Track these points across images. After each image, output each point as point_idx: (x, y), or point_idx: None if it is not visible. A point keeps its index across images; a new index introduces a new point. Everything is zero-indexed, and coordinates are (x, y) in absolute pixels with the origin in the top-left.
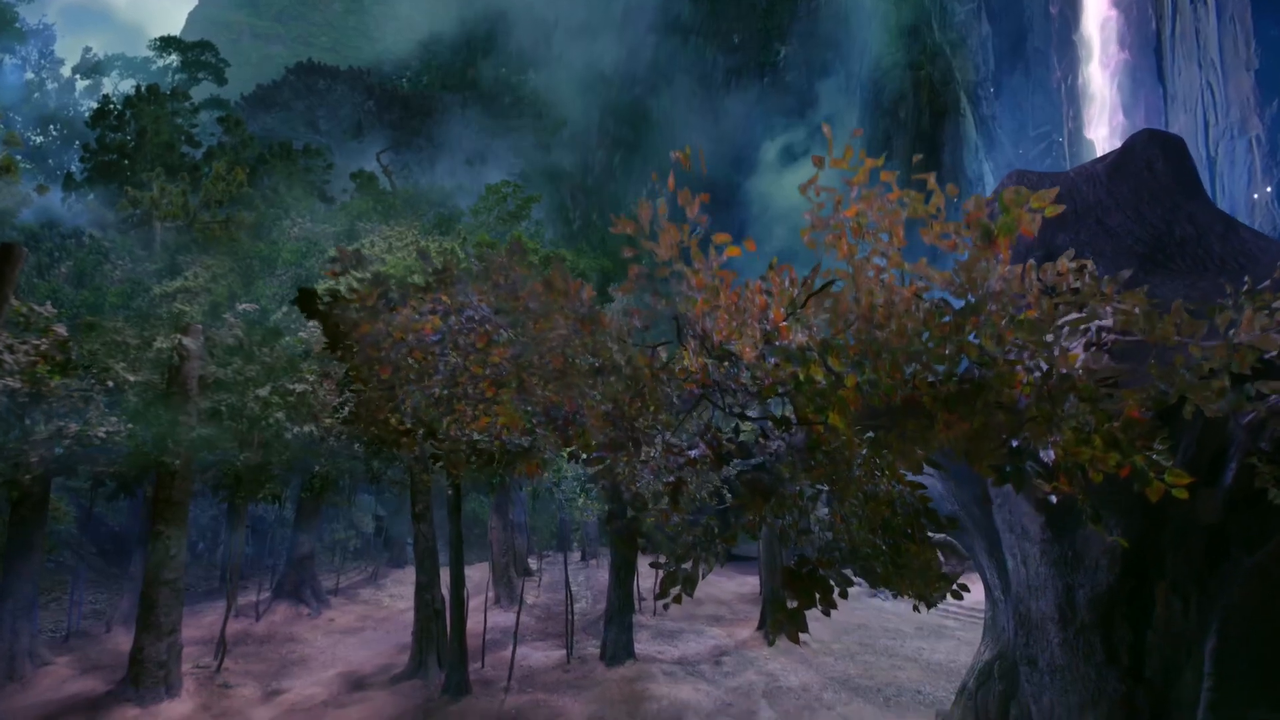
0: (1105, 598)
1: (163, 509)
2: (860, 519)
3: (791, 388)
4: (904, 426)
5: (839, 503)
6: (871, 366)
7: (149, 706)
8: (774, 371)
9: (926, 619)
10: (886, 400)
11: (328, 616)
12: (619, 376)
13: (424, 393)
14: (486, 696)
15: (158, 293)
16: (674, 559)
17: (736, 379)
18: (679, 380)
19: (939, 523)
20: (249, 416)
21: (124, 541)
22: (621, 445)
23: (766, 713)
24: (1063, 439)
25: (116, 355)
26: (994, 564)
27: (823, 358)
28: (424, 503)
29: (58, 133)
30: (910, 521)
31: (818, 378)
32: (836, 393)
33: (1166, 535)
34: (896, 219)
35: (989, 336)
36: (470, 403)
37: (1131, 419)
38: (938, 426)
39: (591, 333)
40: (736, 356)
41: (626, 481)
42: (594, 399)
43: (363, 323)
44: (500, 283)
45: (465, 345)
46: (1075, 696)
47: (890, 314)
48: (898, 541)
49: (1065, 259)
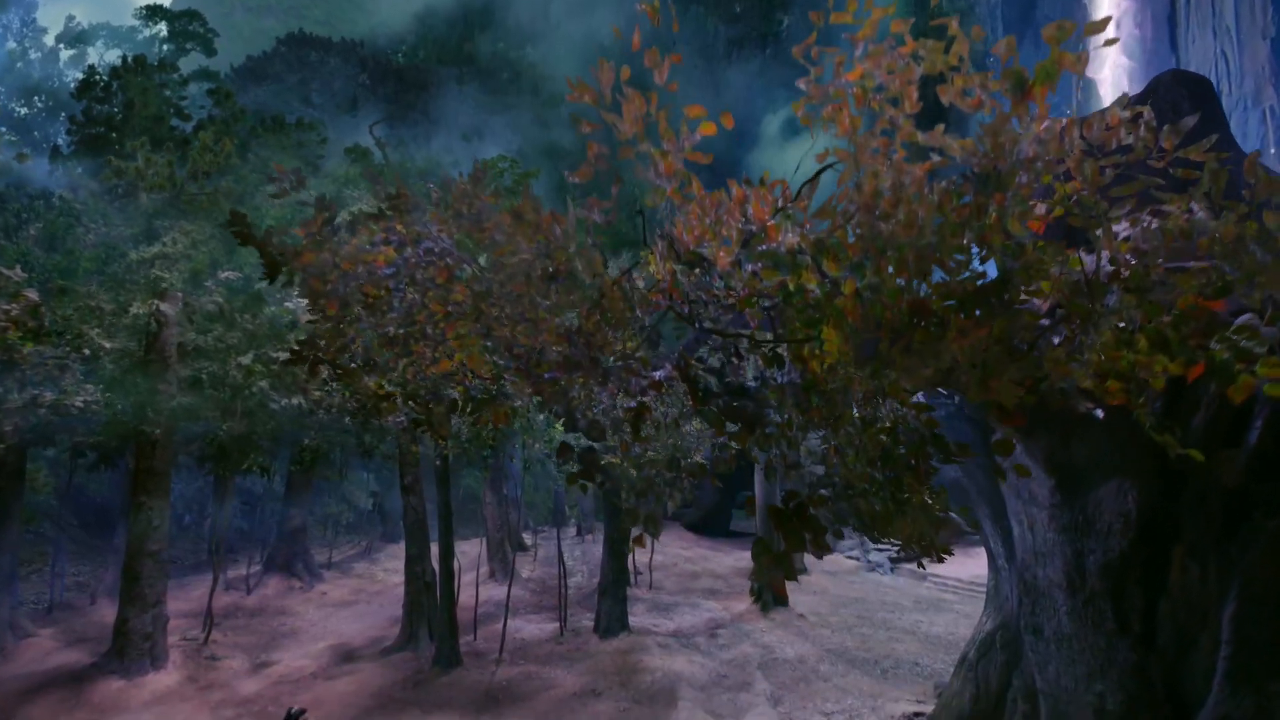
0: (1117, 564)
1: (144, 479)
2: (857, 450)
3: (779, 300)
4: (910, 337)
5: (832, 432)
6: (873, 268)
7: (134, 679)
8: (751, 281)
9: (925, 593)
10: (890, 308)
11: (320, 590)
12: (576, 284)
13: (377, 331)
14: (477, 668)
15: (134, 259)
16: (634, 494)
17: (709, 289)
18: (643, 292)
19: (947, 451)
20: (231, 385)
21: (107, 513)
22: (577, 365)
23: (762, 684)
24: (1100, 342)
25: (91, 321)
26: (998, 531)
27: (816, 261)
28: (413, 474)
29: (42, 104)
30: (915, 450)
31: (810, 286)
32: (832, 303)
33: (1184, 498)
34: (909, 77)
35: (1017, 218)
36: (430, 343)
37: (1188, 311)
38: (949, 335)
39: (547, 237)
40: (710, 263)
41: (582, 407)
42: (546, 309)
43: (305, 251)
44: (463, 212)
45: (423, 280)
46: (1083, 666)
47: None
48: (899, 474)
49: (1118, 107)
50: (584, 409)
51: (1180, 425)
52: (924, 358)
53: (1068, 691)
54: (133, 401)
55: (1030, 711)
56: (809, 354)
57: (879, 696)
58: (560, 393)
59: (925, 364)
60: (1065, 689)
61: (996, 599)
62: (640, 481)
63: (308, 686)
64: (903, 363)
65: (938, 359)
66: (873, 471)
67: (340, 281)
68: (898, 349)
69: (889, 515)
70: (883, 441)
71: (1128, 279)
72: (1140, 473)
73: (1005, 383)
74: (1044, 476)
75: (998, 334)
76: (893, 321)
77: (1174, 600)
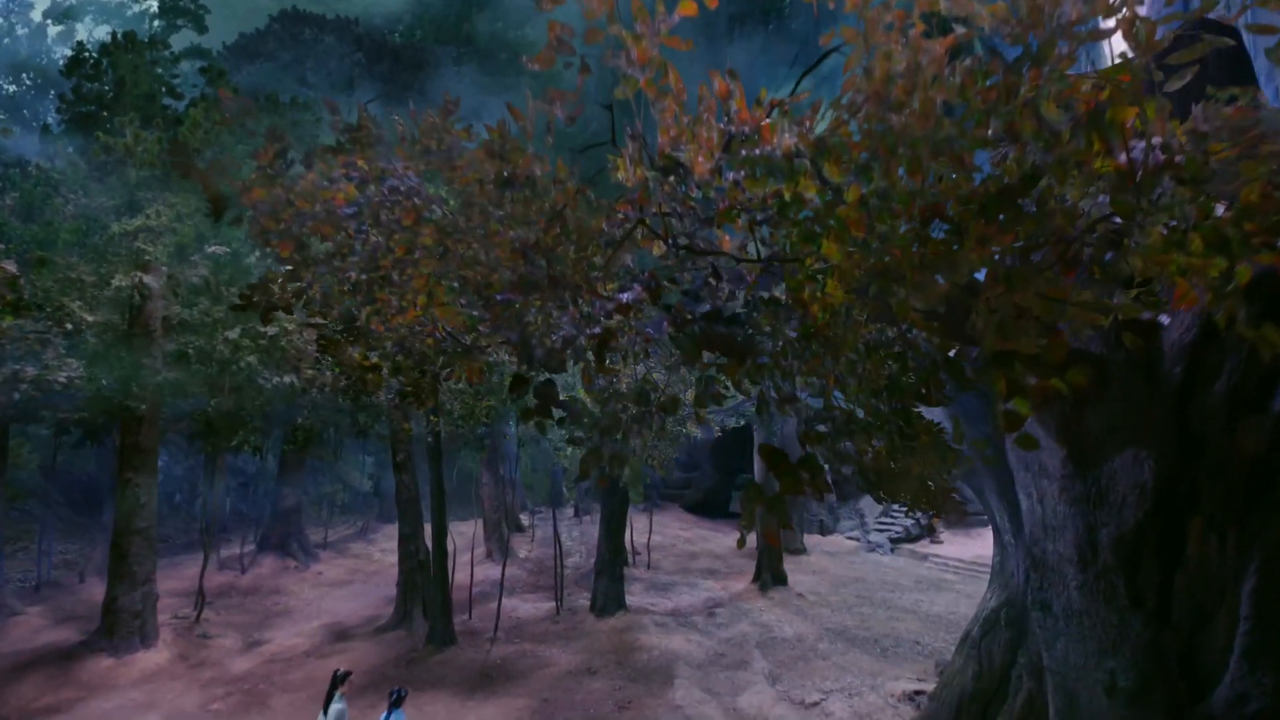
0: (1132, 536)
1: (130, 456)
2: (860, 379)
3: (774, 212)
4: (922, 247)
5: (833, 360)
6: (882, 170)
7: (124, 657)
8: (733, 191)
9: (925, 573)
10: (901, 215)
11: (315, 570)
12: (534, 191)
13: (337, 276)
14: (472, 647)
15: (116, 231)
16: (597, 432)
17: (685, 199)
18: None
19: (963, 377)
20: (218, 360)
21: (94, 491)
22: (534, 286)
23: (760, 663)
24: (1147, 244)
25: (72, 293)
26: (1005, 505)
27: (816, 165)
28: (405, 452)
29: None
30: (926, 377)
31: (809, 194)
32: (834, 213)
33: (1204, 467)
34: None
35: (1053, 99)
36: (396, 291)
37: (1252, 205)
38: (968, 243)
39: (502, 135)
40: (686, 168)
41: (540, 335)
42: (500, 220)
43: (255, 186)
44: (432, 148)
45: (388, 222)
46: (1094, 643)
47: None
48: (906, 406)
49: None
50: (541, 336)
51: (1201, 390)
52: (937, 270)
53: (1076, 669)
54: (117, 376)
55: (1036, 689)
56: (810, 297)
57: (879, 675)
58: (514, 317)
59: (938, 277)
60: (1074, 666)
61: (1002, 575)
62: (605, 418)
63: (300, 665)
64: (913, 278)
65: (953, 272)
66: (877, 403)
67: (295, 221)
68: (906, 262)
69: (895, 449)
70: (890, 368)
71: (1182, 168)
72: (1158, 441)
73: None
74: (1055, 447)
75: (1025, 239)
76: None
77: (1191, 574)
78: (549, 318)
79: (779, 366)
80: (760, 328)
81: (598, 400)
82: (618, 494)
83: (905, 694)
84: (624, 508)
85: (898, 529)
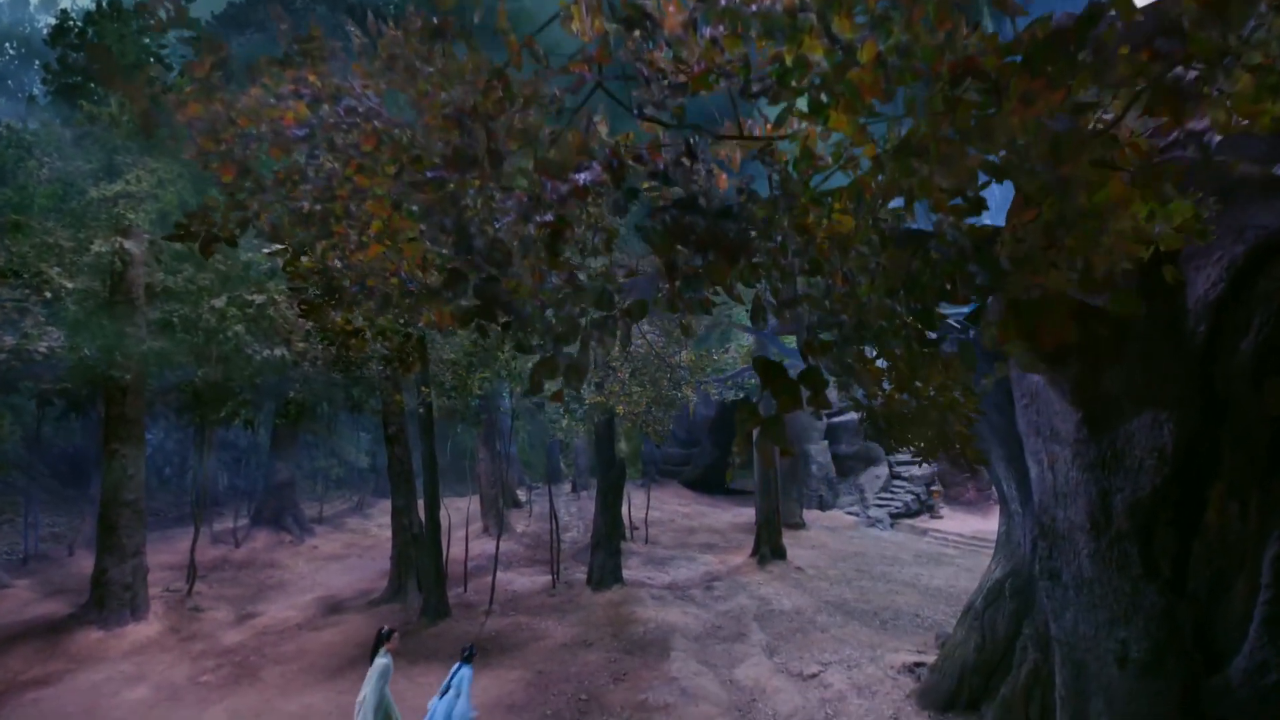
0: (1148, 502)
1: (116, 426)
2: (873, 275)
3: (773, 79)
4: (950, 113)
5: (841, 254)
6: (904, 20)
7: (113, 629)
8: (710, 52)
9: (925, 547)
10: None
11: (311, 544)
12: (472, 47)
13: (287, 206)
14: (466, 620)
15: (95, 196)
16: (551, 338)
17: (652, 59)
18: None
19: (997, 271)
20: (205, 329)
21: (80, 463)
22: (472, 162)
23: (758, 635)
24: (1235, 91)
25: (50, 259)
26: (1013, 474)
27: (824, 21)
28: (397, 424)
29: (14, 51)
30: (953, 270)
31: (815, 57)
32: (844, 78)
33: (1226, 430)
34: None
35: None
36: (355, 224)
37: None
38: (1007, 105)
39: None
40: (655, 21)
41: (480, 221)
42: (429, 80)
43: (190, 101)
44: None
45: (345, 146)
46: (1104, 612)
47: None
48: (928, 307)
49: None
50: (482, 223)
51: (1227, 349)
52: (969, 140)
53: (1086, 639)
54: (99, 345)
55: (1041, 660)
56: (814, 222)
57: (878, 647)
58: (449, 200)
59: (969, 147)
60: (1084, 636)
61: (1007, 545)
62: (560, 322)
63: (292, 637)
64: (939, 150)
65: (988, 140)
66: (893, 304)
67: (238, 142)
68: (929, 133)
69: (914, 364)
70: (909, 263)
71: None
72: (1180, 403)
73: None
74: (1070, 410)
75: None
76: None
77: (1209, 541)
78: (490, 201)
79: (777, 265)
80: (755, 221)
81: (551, 303)
82: (614, 467)
83: (905, 666)
84: (620, 481)
85: (897, 504)
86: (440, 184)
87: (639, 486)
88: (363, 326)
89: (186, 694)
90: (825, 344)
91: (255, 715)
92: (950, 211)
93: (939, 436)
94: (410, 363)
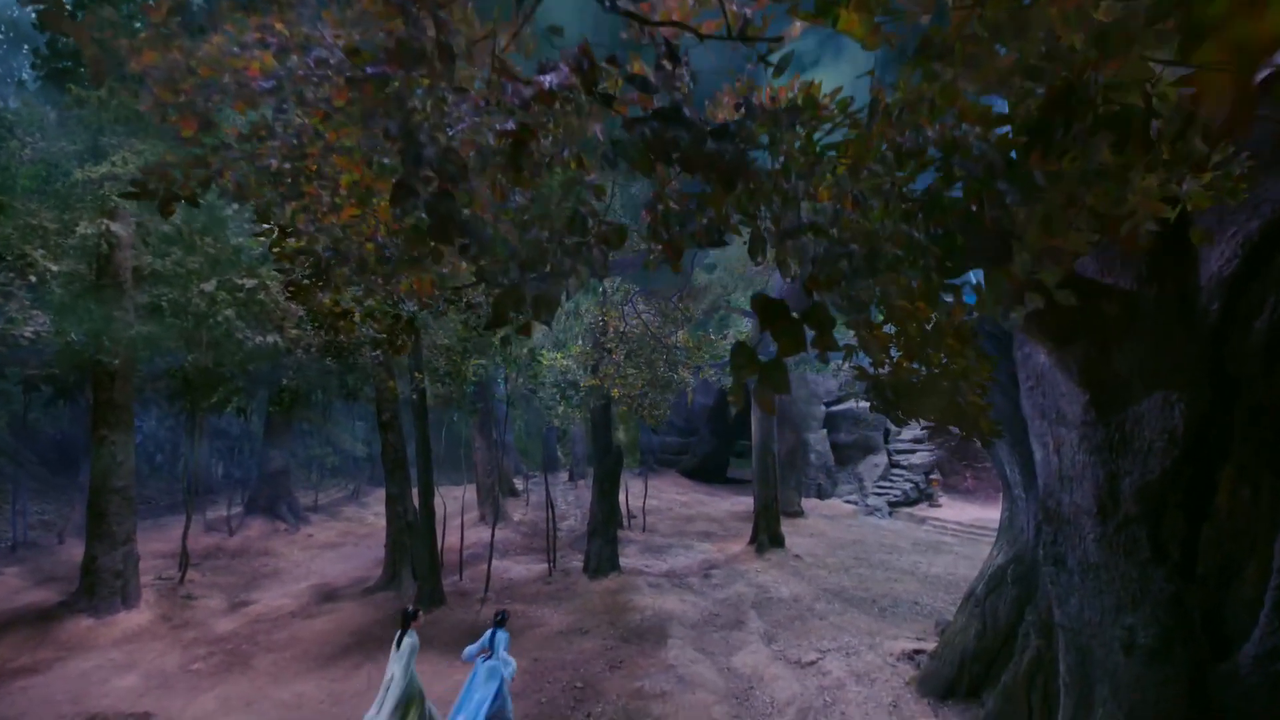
0: (1157, 485)
1: (104, 412)
2: (888, 197)
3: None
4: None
5: (851, 176)
6: None
7: (104, 617)
8: None
9: (923, 536)
10: None
11: (305, 532)
12: None
13: (254, 164)
14: (462, 607)
15: (80, 178)
16: (513, 264)
17: None
18: None
19: (1031, 186)
20: (194, 313)
21: (69, 450)
22: (419, 56)
23: (756, 623)
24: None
25: (34, 240)
26: (1016, 458)
27: None
28: (390, 411)
29: (3, 35)
30: (980, 188)
31: None
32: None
33: (1239, 412)
34: None
35: None
36: (327, 185)
37: None
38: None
39: None
40: None
41: (430, 127)
42: None
43: (146, 48)
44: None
45: (315, 101)
46: (1111, 598)
47: None
48: (950, 231)
49: None
50: (432, 129)
51: (1241, 328)
52: (1000, 38)
53: (1092, 625)
54: (86, 329)
55: (1044, 647)
56: (818, 183)
57: (877, 634)
58: (394, 101)
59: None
60: (1089, 623)
61: (1010, 531)
62: (525, 246)
63: (285, 625)
64: (965, 50)
65: (1022, 36)
66: (911, 230)
67: (199, 93)
68: (957, 29)
69: (932, 296)
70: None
71: None
72: (1191, 384)
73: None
74: (1077, 392)
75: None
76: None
77: (1219, 525)
78: (441, 104)
79: (779, 190)
80: (755, 141)
81: (516, 224)
82: (611, 453)
83: (904, 653)
84: (617, 468)
85: (896, 493)
86: (382, 82)
87: (637, 475)
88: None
89: (177, 682)
90: (835, 275)
91: (246, 703)
92: (977, 121)
93: (950, 408)
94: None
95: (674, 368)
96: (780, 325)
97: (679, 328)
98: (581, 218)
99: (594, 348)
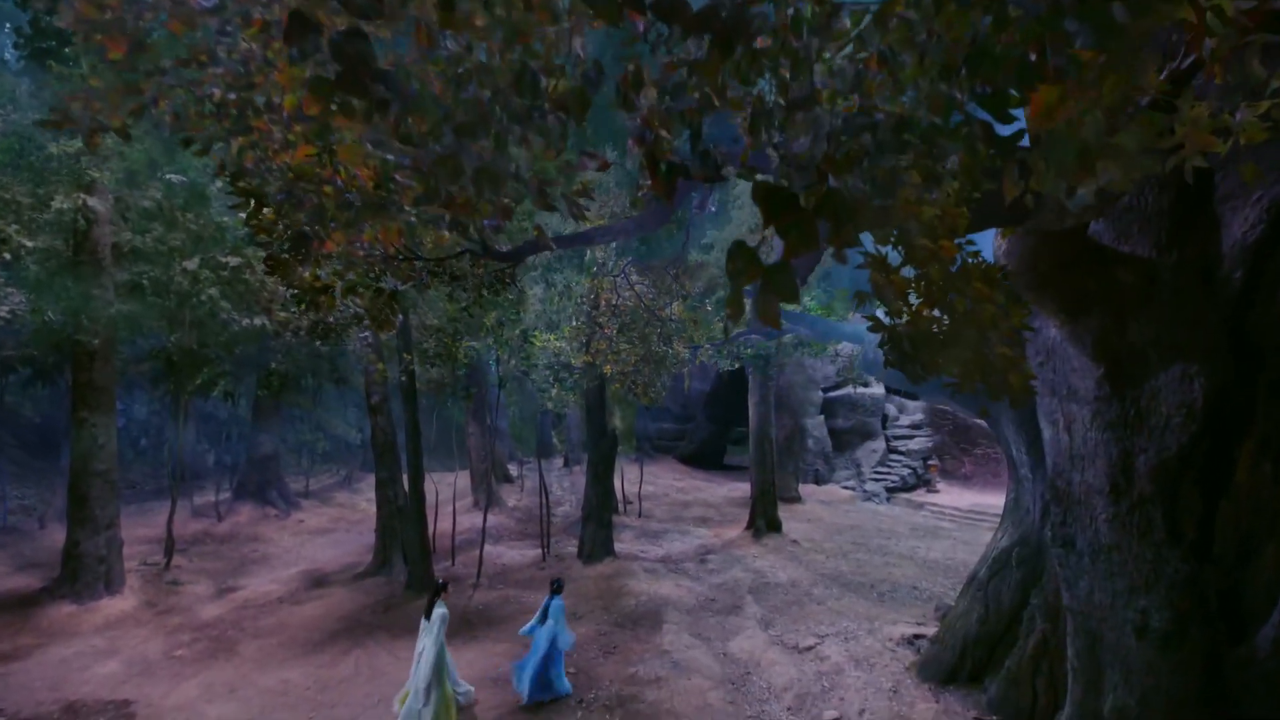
0: (1174, 463)
1: (85, 394)
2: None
3: None
4: None
5: (879, 28)
6: None
7: (87, 603)
8: None
9: (922, 521)
10: None
11: (296, 518)
12: None
13: (194, 93)
14: (454, 593)
15: (55, 151)
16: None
17: None
18: None
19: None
20: (177, 292)
21: (49, 433)
22: None
23: (752, 608)
24: None
25: (8, 215)
26: (1023, 437)
27: None
28: (380, 394)
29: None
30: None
31: None
32: None
33: (1261, 384)
34: None
35: None
36: (278, 120)
37: None
38: None
39: None
40: None
41: None
42: None
43: None
44: None
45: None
46: (1123, 580)
47: None
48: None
49: None
50: None
51: (1265, 297)
52: None
53: (1102, 608)
54: (64, 308)
55: (1051, 631)
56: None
57: (876, 619)
58: None
59: None
60: (1100, 605)
61: (1015, 513)
62: (461, 107)
63: (273, 611)
64: None
65: None
66: (950, 90)
67: (128, 10)
68: None
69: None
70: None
71: None
72: (1211, 355)
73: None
74: (1091, 366)
75: None
76: None
77: (1238, 504)
78: None
79: (787, 50)
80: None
81: (448, 79)
82: (606, 437)
83: (904, 638)
84: (612, 452)
85: (894, 478)
86: None
87: (632, 461)
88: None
89: (159, 668)
90: (856, 153)
91: (230, 690)
92: None
93: (976, 360)
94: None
95: (669, 342)
96: (788, 218)
97: (674, 299)
98: (532, 74)
99: (586, 321)
